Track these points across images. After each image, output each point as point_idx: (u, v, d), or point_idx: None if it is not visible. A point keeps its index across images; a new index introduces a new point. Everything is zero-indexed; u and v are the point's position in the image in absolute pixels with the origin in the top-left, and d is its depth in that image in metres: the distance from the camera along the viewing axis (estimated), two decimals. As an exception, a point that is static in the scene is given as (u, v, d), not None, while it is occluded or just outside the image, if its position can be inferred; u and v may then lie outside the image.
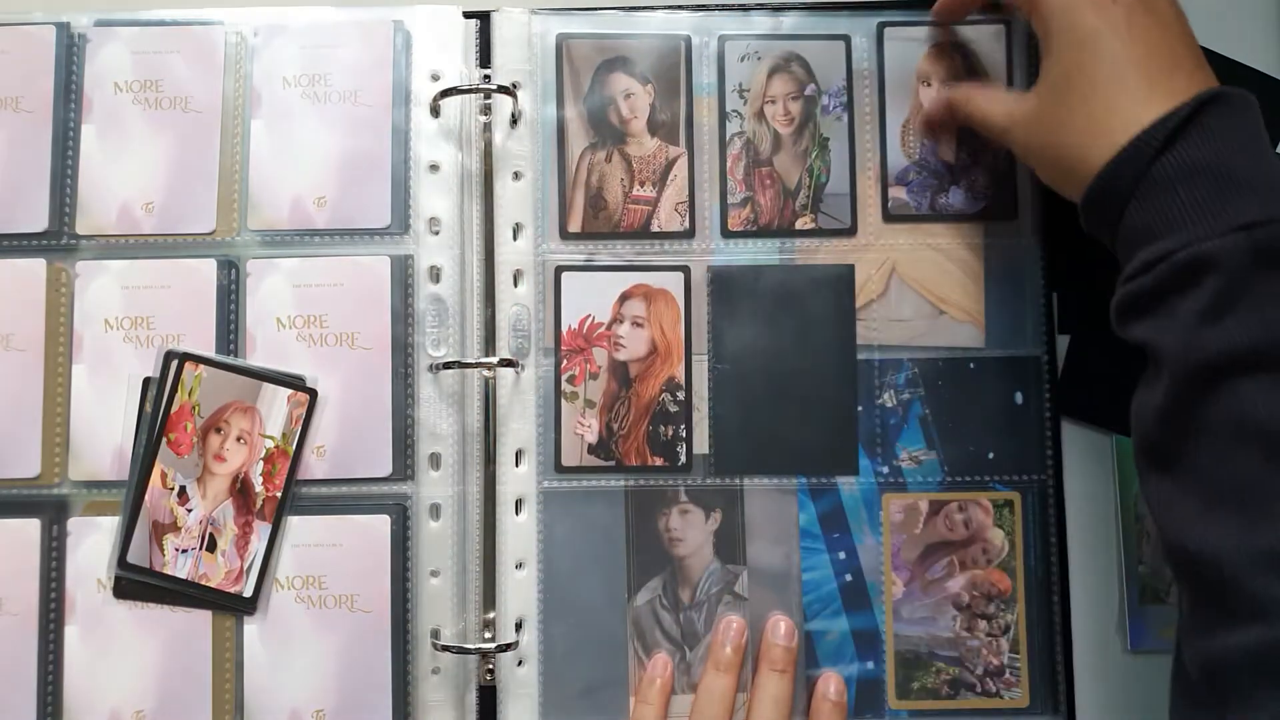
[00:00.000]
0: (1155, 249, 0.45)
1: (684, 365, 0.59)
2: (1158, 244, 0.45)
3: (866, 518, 0.59)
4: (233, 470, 0.57)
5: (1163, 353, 0.45)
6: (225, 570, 0.57)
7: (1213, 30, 0.62)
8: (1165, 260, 0.45)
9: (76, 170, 0.59)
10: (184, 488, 0.57)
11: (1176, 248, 0.44)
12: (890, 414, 0.59)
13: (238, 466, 0.57)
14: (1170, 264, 0.44)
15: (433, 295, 0.59)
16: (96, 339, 0.58)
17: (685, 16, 0.61)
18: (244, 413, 0.58)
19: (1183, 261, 0.44)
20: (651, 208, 0.60)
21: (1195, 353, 0.43)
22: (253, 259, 0.59)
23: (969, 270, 0.60)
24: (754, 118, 0.61)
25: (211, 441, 0.58)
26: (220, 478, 0.57)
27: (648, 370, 0.59)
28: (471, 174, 0.60)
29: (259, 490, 0.57)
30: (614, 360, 0.59)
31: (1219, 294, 0.43)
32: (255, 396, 0.58)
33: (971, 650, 0.58)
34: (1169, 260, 0.44)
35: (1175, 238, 0.44)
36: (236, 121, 0.60)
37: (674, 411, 0.59)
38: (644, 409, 0.59)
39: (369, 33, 0.61)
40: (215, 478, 0.57)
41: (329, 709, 0.57)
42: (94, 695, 0.57)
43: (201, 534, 0.57)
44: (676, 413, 0.59)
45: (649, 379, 0.59)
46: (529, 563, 0.58)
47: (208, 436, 0.58)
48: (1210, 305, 0.43)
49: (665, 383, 0.59)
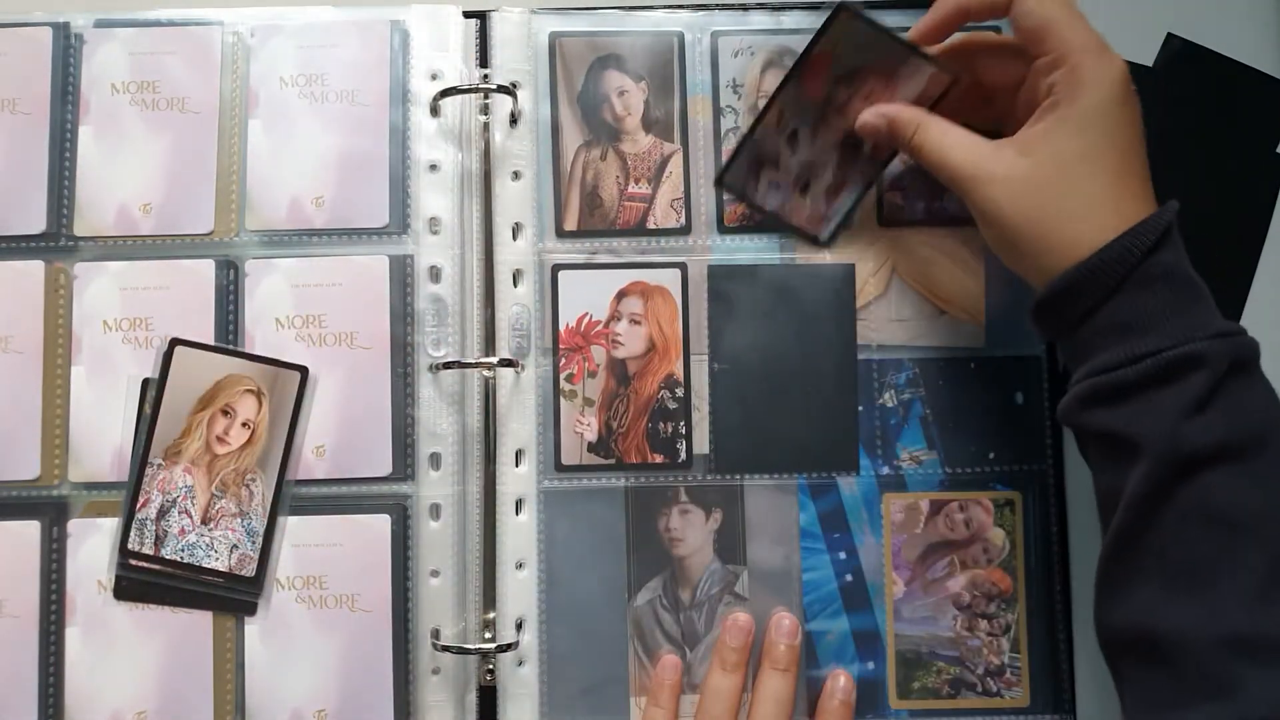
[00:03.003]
0: (1142, 344, 0.46)
1: (682, 362, 0.59)
2: (1144, 339, 0.46)
3: (867, 517, 0.59)
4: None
5: (1141, 442, 0.46)
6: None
7: (1213, 30, 0.62)
8: (1155, 356, 0.46)
9: (74, 171, 0.59)
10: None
11: (1167, 345, 0.46)
12: (891, 414, 0.59)
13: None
14: (1159, 360, 0.46)
15: (432, 295, 0.59)
16: (95, 340, 0.58)
17: (679, 13, 0.61)
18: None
19: (1174, 359, 0.46)
20: (647, 205, 0.60)
21: (1177, 443, 0.45)
22: (251, 259, 0.59)
23: (969, 270, 0.60)
24: (748, 113, 0.61)
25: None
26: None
27: (646, 367, 0.59)
28: (471, 174, 0.60)
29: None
30: (612, 358, 0.59)
31: (1203, 390, 0.45)
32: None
33: (972, 650, 0.58)
34: (1159, 356, 0.46)
35: (1162, 336, 0.46)
36: (234, 122, 0.60)
37: (673, 408, 0.59)
38: (643, 406, 0.59)
39: (367, 32, 0.60)
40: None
41: (330, 709, 0.57)
42: (95, 697, 0.57)
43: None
44: (675, 409, 0.59)
45: (647, 376, 0.59)
46: (529, 563, 0.58)
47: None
48: (1194, 400, 0.45)
49: (664, 380, 0.59)
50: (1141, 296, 0.47)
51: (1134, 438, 0.46)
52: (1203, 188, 0.62)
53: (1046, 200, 0.49)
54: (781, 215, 0.59)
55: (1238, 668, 0.43)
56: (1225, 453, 0.45)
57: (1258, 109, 0.62)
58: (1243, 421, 0.46)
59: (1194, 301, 0.47)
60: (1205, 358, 0.45)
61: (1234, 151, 0.62)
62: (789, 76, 0.57)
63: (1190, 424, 0.45)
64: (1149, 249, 0.47)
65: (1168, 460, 0.45)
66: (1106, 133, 0.49)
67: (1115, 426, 0.47)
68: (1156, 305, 0.47)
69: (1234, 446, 0.45)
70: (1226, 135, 0.62)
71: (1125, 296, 0.47)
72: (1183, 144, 0.62)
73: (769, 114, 0.58)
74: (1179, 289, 0.47)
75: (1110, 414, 0.47)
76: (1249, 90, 0.62)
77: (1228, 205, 0.62)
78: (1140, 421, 0.46)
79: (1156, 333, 0.46)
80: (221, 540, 0.57)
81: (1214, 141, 0.62)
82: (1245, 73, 0.62)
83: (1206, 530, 0.45)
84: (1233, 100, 0.62)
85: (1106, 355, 0.47)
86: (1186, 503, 0.45)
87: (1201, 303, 0.47)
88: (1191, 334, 0.46)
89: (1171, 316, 0.46)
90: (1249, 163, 0.62)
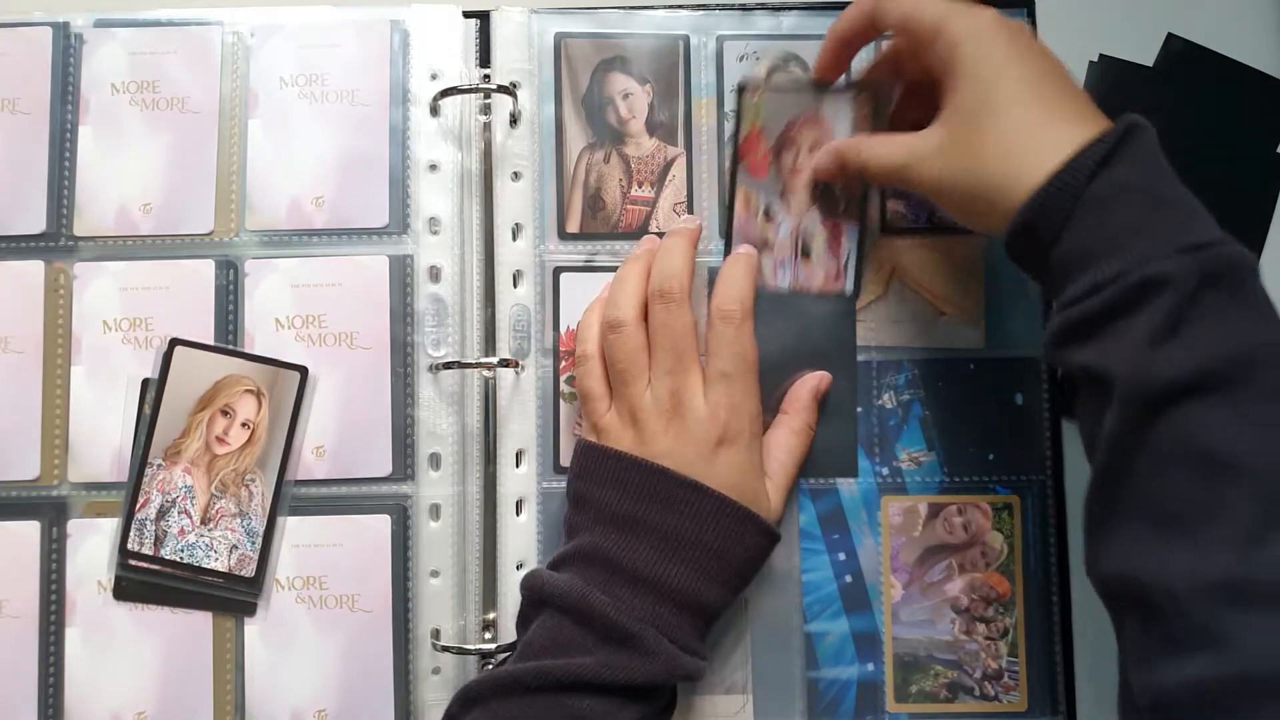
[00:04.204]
0: (1102, 271, 0.44)
1: (683, 366, 0.59)
2: (1103, 265, 0.44)
3: (866, 519, 0.59)
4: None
5: (1112, 377, 0.44)
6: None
7: (1213, 30, 0.62)
8: (1115, 282, 0.44)
9: (74, 171, 0.59)
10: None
11: (1126, 269, 0.44)
12: (890, 415, 0.59)
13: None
14: (1120, 285, 0.44)
15: (432, 295, 0.59)
16: (95, 340, 0.58)
17: (684, 16, 0.61)
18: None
19: (1134, 282, 0.43)
20: (650, 208, 0.60)
21: (1146, 375, 0.43)
22: (251, 259, 0.59)
23: (969, 271, 0.60)
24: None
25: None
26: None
27: (647, 371, 0.59)
28: (471, 174, 0.60)
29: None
30: (613, 361, 0.59)
31: (1170, 314, 0.43)
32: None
33: (970, 653, 0.58)
34: (1119, 282, 0.44)
35: (1121, 259, 0.44)
36: (234, 122, 0.60)
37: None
38: (643, 409, 0.59)
39: (366, 32, 0.60)
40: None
41: (330, 709, 0.57)
42: (95, 697, 0.57)
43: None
44: (676, 413, 0.59)
45: (648, 379, 0.59)
46: (529, 563, 0.58)
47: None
48: (1161, 326, 0.43)
49: (664, 384, 0.59)
50: (1097, 218, 0.45)
51: (1106, 372, 0.44)
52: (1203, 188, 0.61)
53: (972, 154, 0.49)
54: (800, 289, 0.59)
55: (1230, 615, 0.40)
56: (1206, 382, 0.42)
57: (1258, 109, 0.62)
58: (1221, 346, 0.43)
59: (1161, 218, 0.44)
60: (1167, 280, 0.43)
61: (1234, 151, 0.62)
62: (733, 167, 0.59)
63: (1158, 354, 0.42)
64: (1094, 169, 0.45)
65: (1138, 395, 0.43)
66: (999, 74, 0.49)
67: (1089, 361, 0.45)
68: (1116, 225, 0.45)
69: (1214, 375, 0.42)
70: (1226, 135, 0.62)
71: (1078, 222, 0.45)
72: (1183, 144, 0.62)
73: (736, 204, 0.59)
74: (1141, 207, 0.45)
75: (1083, 349, 0.45)
76: (1249, 90, 0.62)
77: (1228, 205, 0.61)
78: (1110, 355, 0.44)
79: (1119, 256, 0.44)
80: (221, 540, 0.57)
81: (1214, 141, 0.62)
82: (1245, 73, 0.62)
83: (1189, 470, 0.42)
84: (1233, 100, 0.62)
85: (1074, 286, 0.45)
86: (1166, 440, 0.43)
87: (1170, 214, 0.45)
88: (1153, 252, 0.43)
89: (1134, 236, 0.44)
90: (1249, 163, 0.62)
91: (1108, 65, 0.62)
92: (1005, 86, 0.49)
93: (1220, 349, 0.42)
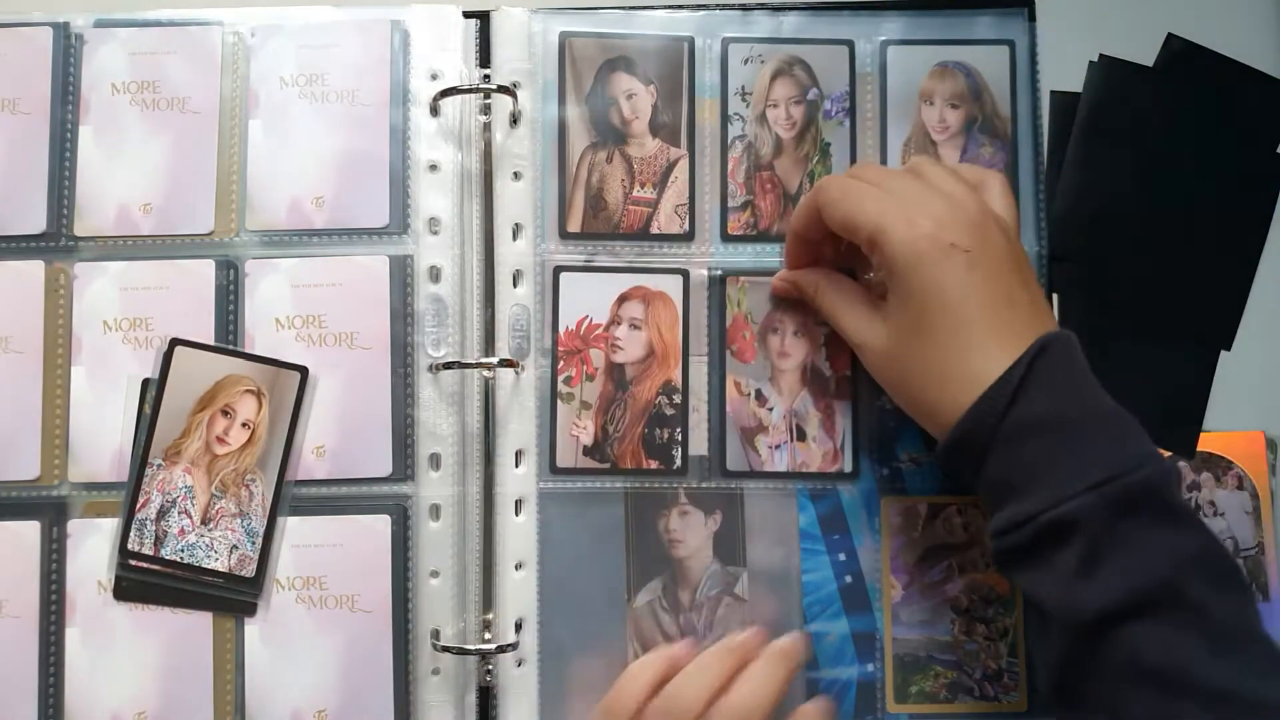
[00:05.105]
0: (1020, 509, 0.46)
1: (681, 368, 0.59)
2: (1022, 504, 0.46)
3: (866, 520, 0.59)
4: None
5: (1046, 607, 0.46)
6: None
7: (1213, 30, 0.62)
8: (1032, 522, 0.45)
9: (74, 172, 0.59)
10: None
11: (1038, 510, 0.45)
12: (890, 416, 0.59)
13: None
14: (1036, 526, 0.45)
15: (432, 295, 0.59)
16: (95, 340, 0.58)
17: (687, 17, 0.61)
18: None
19: (1047, 524, 0.45)
20: (651, 209, 0.60)
21: (1079, 604, 0.44)
22: (251, 259, 0.59)
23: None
24: (756, 121, 0.60)
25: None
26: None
27: (644, 373, 0.59)
28: (471, 174, 0.60)
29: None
30: (611, 362, 0.59)
31: (1088, 551, 0.44)
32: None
33: (970, 654, 0.58)
34: (1035, 522, 0.45)
35: (1035, 499, 0.46)
36: (234, 122, 0.60)
37: (670, 414, 0.59)
38: (640, 412, 0.59)
39: (367, 32, 0.60)
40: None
41: (330, 709, 0.57)
42: (95, 697, 0.57)
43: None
44: (673, 415, 0.59)
45: (645, 381, 0.59)
46: (529, 563, 0.58)
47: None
48: (1081, 563, 0.44)
49: (662, 386, 0.59)
50: (1013, 453, 0.47)
51: (1041, 602, 0.46)
52: (1203, 188, 0.61)
53: (902, 371, 0.51)
54: (800, 471, 0.59)
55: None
56: (1140, 606, 0.44)
57: (1258, 109, 0.62)
58: (1147, 574, 0.44)
59: (1069, 453, 0.46)
60: (1078, 520, 0.44)
61: (1234, 151, 0.62)
62: (723, 355, 0.59)
63: (1087, 586, 0.44)
64: (1004, 407, 0.46)
65: (1073, 625, 0.45)
66: (928, 296, 0.49)
67: (1025, 589, 0.47)
68: (1030, 460, 0.46)
69: (1146, 598, 0.44)
70: (1226, 135, 0.62)
71: (996, 456, 0.47)
72: (1183, 144, 0.62)
73: (727, 391, 0.59)
74: (1052, 438, 0.46)
75: (1023, 577, 0.47)
76: (1249, 90, 0.62)
77: (1228, 205, 0.62)
78: (1040, 586, 0.46)
79: (1034, 494, 0.46)
80: (221, 541, 0.57)
81: (1214, 141, 0.62)
82: (1245, 73, 0.62)
83: (1140, 686, 0.44)
84: (1233, 100, 0.62)
85: (999, 518, 0.47)
86: (1113, 660, 0.44)
87: (1079, 445, 0.46)
88: (1064, 492, 0.45)
89: (1048, 471, 0.46)
90: (1249, 163, 0.62)
91: (1108, 65, 0.62)
92: (932, 312, 0.49)
93: (1146, 577, 0.44)
